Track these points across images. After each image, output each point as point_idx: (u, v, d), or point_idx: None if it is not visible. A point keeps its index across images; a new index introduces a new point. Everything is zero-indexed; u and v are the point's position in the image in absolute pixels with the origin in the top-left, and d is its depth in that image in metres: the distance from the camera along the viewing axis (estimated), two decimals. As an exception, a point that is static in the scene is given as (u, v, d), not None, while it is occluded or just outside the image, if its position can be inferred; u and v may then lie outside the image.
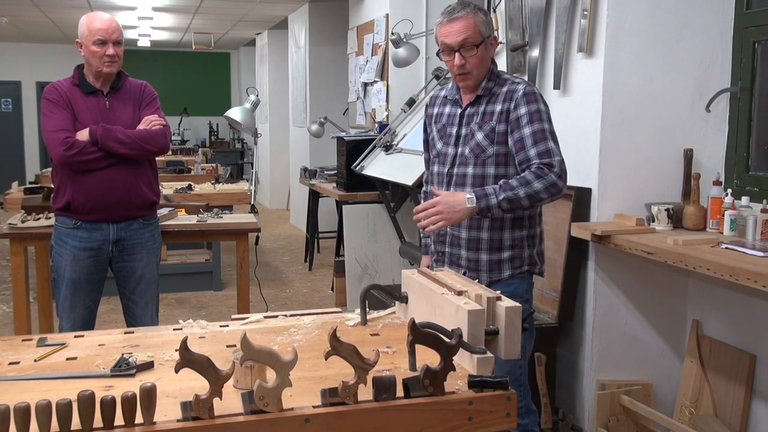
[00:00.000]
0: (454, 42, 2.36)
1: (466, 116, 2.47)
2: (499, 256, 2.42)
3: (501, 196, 2.25)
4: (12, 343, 1.85)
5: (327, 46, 8.49)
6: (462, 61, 2.37)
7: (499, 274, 2.42)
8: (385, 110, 5.90)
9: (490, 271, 2.42)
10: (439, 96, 2.63)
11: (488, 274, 2.42)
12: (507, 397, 1.47)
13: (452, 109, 2.53)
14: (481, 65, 2.40)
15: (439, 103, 2.61)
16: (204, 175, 6.67)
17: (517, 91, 2.38)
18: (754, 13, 3.15)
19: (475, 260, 2.43)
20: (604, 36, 3.16)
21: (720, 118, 3.27)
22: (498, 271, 2.42)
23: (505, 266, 2.42)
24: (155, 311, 3.27)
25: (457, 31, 2.36)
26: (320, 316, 2.09)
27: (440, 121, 2.56)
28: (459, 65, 2.38)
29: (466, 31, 2.35)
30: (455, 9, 2.39)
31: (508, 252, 2.42)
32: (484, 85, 2.43)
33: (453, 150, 2.47)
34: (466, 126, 2.45)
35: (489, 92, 2.43)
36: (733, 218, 2.90)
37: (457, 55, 2.37)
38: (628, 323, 3.31)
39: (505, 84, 2.43)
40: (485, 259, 2.42)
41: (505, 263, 2.42)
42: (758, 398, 2.99)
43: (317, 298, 6.01)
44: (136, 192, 3.07)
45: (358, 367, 1.40)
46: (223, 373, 1.34)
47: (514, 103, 2.36)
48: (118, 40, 2.99)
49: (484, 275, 2.41)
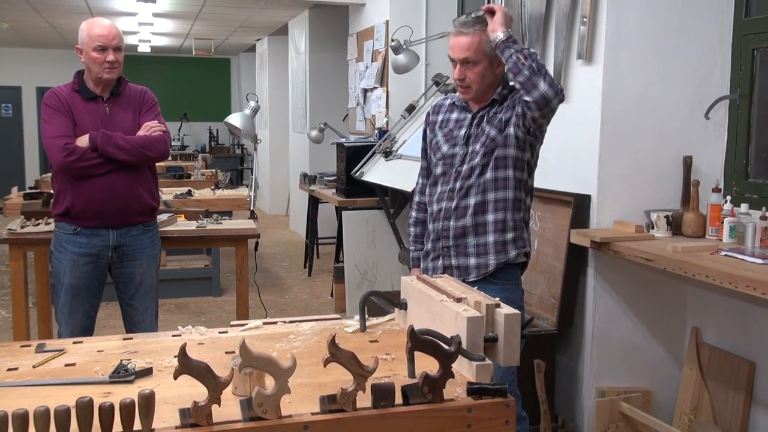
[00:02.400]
0: (455, 57, 2.43)
1: (477, 117, 2.51)
2: (503, 237, 2.49)
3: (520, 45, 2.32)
4: (10, 349, 1.85)
5: (327, 53, 8.50)
6: (462, 75, 2.43)
7: (505, 255, 2.48)
8: (385, 116, 5.91)
9: (497, 252, 2.47)
10: (444, 104, 2.65)
11: (495, 255, 2.47)
12: (506, 405, 1.47)
13: (461, 115, 2.56)
14: (481, 81, 2.44)
15: (445, 111, 2.63)
16: (204, 181, 6.67)
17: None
18: (753, 21, 3.15)
19: (483, 244, 2.49)
20: (603, 43, 3.16)
21: (719, 125, 3.28)
22: (504, 253, 2.48)
23: (509, 246, 2.48)
24: (154, 317, 3.26)
25: (459, 47, 2.42)
26: (319, 323, 2.08)
27: (447, 126, 2.58)
28: (458, 78, 2.44)
29: (468, 50, 2.40)
30: (466, 23, 2.43)
31: (511, 233, 2.49)
32: (500, 91, 2.49)
33: (462, 150, 2.51)
34: (477, 126, 2.50)
35: (504, 99, 2.49)
36: (733, 225, 2.90)
37: (457, 67, 2.44)
38: (627, 330, 3.31)
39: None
40: (491, 241, 2.48)
41: (510, 244, 2.48)
42: (758, 405, 2.98)
43: (316, 304, 6.01)
44: (135, 198, 3.07)
45: (356, 374, 1.40)
46: (222, 380, 1.34)
47: (515, 99, 2.44)
48: (118, 47, 2.99)
49: (491, 258, 2.47)
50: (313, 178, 6.67)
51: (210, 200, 5.35)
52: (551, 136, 3.50)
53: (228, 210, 5.53)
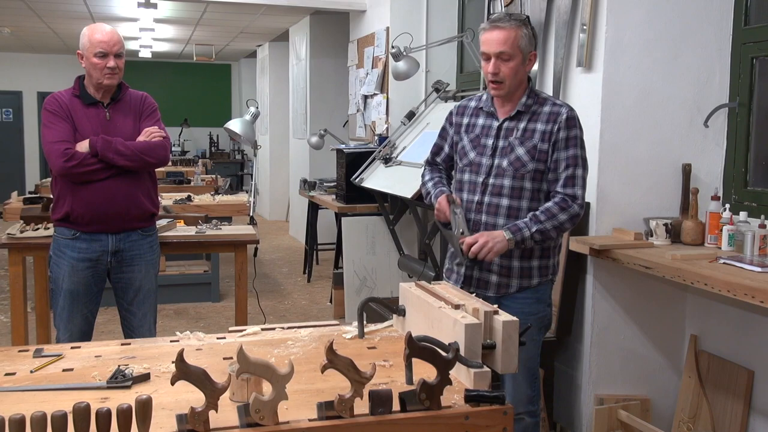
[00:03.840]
0: (491, 51, 2.43)
1: (504, 129, 2.51)
2: (530, 263, 2.52)
3: (533, 229, 2.39)
4: (8, 354, 1.85)
5: (327, 59, 8.52)
6: (496, 69, 2.42)
7: (529, 281, 2.52)
8: (385, 123, 5.91)
9: (521, 277, 2.51)
10: (469, 106, 2.65)
11: (518, 280, 2.51)
12: (503, 412, 1.47)
13: (487, 121, 2.57)
14: (514, 77, 2.45)
15: (470, 113, 2.63)
16: (203, 186, 6.67)
17: (561, 114, 2.47)
18: (752, 30, 3.16)
19: (507, 267, 2.51)
20: (602, 50, 3.17)
21: (718, 133, 3.28)
22: (528, 278, 2.51)
23: (534, 273, 2.52)
24: (153, 322, 3.26)
25: (496, 40, 2.42)
26: (317, 329, 2.08)
27: (473, 131, 2.59)
28: (492, 72, 2.43)
29: (505, 44, 2.41)
30: (502, 18, 2.45)
31: (537, 261, 2.52)
32: (524, 101, 2.50)
33: (489, 161, 2.52)
34: (504, 139, 2.50)
35: (529, 109, 2.49)
36: (732, 233, 2.90)
37: (492, 61, 2.43)
38: (626, 338, 3.31)
39: (545, 104, 2.50)
40: (517, 266, 2.51)
41: (534, 270, 2.52)
42: (756, 414, 2.98)
43: (315, 310, 6.00)
44: (135, 203, 3.07)
45: (354, 380, 1.40)
46: (219, 386, 1.34)
47: (557, 126, 2.45)
48: (119, 53, 3.00)
49: (514, 281, 2.51)
50: (312, 184, 6.68)
51: (209, 206, 5.35)
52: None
53: (227, 216, 5.53)
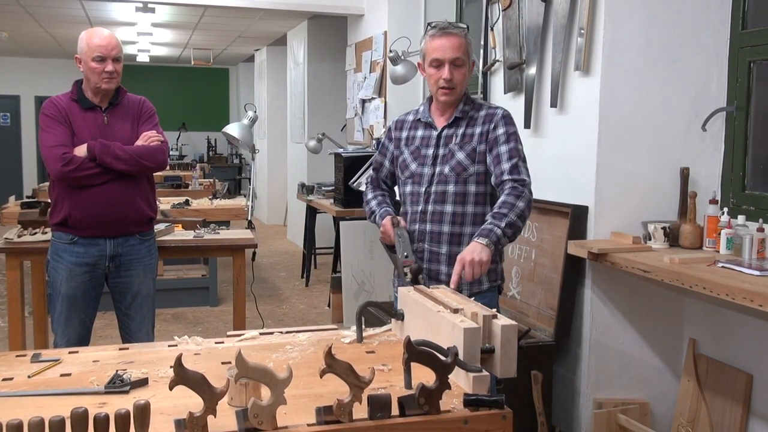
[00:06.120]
0: (447, 57, 2.42)
1: (443, 137, 2.52)
2: None
3: (503, 224, 2.32)
4: (6, 359, 1.85)
5: (325, 63, 8.53)
6: (450, 75, 2.43)
7: (479, 286, 2.48)
8: (383, 127, 5.92)
9: (471, 283, 2.44)
10: (407, 120, 2.65)
11: (469, 286, 2.45)
12: (503, 416, 1.47)
13: (426, 132, 2.57)
14: (463, 83, 2.48)
15: (408, 127, 2.63)
16: (201, 191, 6.68)
17: (497, 114, 2.49)
18: (749, 33, 3.17)
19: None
20: (600, 55, 3.18)
21: (716, 137, 3.29)
22: (478, 284, 2.47)
23: (483, 279, 2.47)
24: (151, 327, 3.25)
25: (451, 46, 2.42)
26: (316, 333, 2.08)
27: (413, 143, 2.59)
28: (447, 78, 2.43)
29: (459, 50, 2.43)
30: (448, 26, 2.46)
31: None
32: (461, 107, 2.51)
33: (430, 170, 2.51)
34: (444, 146, 2.51)
35: (466, 115, 2.51)
36: (730, 237, 2.90)
37: (447, 67, 2.43)
38: (624, 342, 3.31)
39: (482, 108, 2.53)
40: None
41: (483, 276, 2.43)
42: (755, 417, 2.98)
43: (314, 314, 5.99)
44: (133, 208, 3.06)
45: (353, 385, 1.40)
46: (218, 391, 1.33)
47: (493, 125, 2.47)
48: (117, 57, 3.00)
49: (464, 288, 2.43)
50: (310, 188, 6.68)
51: (207, 210, 5.35)
52: (549, 148, 3.53)
53: (225, 220, 5.53)
